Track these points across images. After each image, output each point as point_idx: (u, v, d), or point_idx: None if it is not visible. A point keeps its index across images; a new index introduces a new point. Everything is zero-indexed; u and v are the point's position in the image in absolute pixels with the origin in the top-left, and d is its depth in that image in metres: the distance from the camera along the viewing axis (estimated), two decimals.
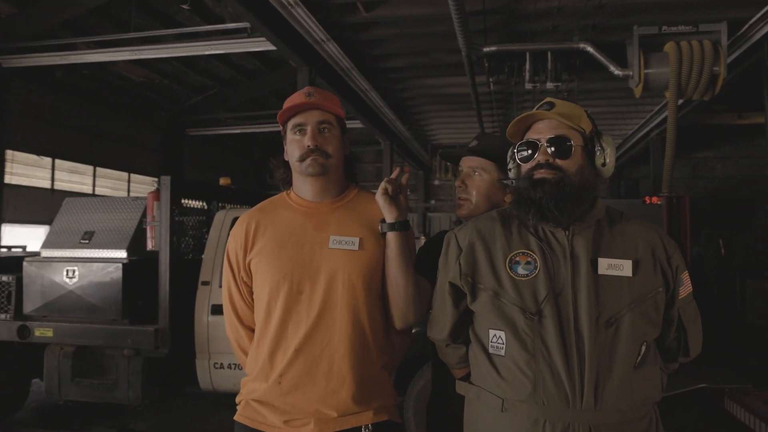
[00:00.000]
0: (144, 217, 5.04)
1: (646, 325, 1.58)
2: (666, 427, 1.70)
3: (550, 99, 1.71)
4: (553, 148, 1.62)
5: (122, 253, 4.92)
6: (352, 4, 6.79)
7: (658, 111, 10.97)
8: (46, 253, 5.09)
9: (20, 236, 11.11)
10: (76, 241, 5.06)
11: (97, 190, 13.29)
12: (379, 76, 9.37)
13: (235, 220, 4.93)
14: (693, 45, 6.79)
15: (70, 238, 5.12)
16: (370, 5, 6.89)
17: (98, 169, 13.41)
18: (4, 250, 7.12)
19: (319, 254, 1.83)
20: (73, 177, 12.71)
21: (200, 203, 5.65)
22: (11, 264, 5.34)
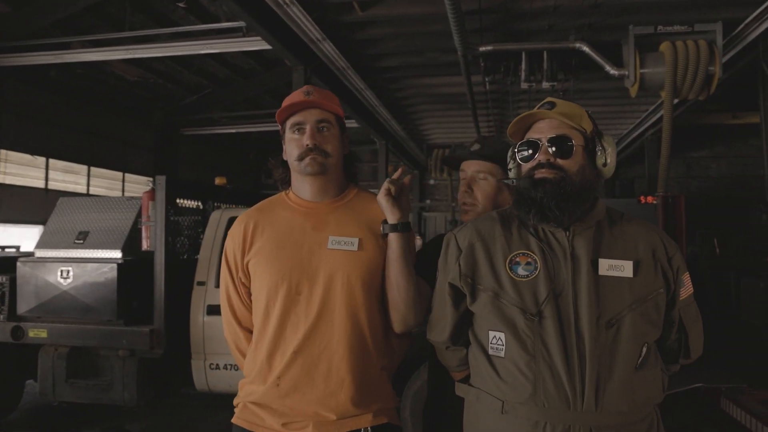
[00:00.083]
0: (139, 217, 5.03)
1: (647, 326, 1.57)
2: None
3: (550, 98, 1.70)
4: (554, 148, 1.61)
5: (117, 254, 4.89)
6: (347, 4, 6.77)
7: (653, 111, 10.99)
8: (40, 254, 5.06)
9: (14, 236, 11.05)
10: (71, 241, 5.04)
11: (92, 190, 13.23)
12: (375, 76, 9.35)
13: (231, 219, 4.95)
14: (688, 45, 6.80)
15: (64, 238, 5.09)
16: (366, 4, 6.87)
17: (93, 169, 13.35)
18: None
19: (318, 255, 1.81)
20: (68, 177, 12.65)
21: (195, 203, 5.64)
22: (5, 264, 5.31)
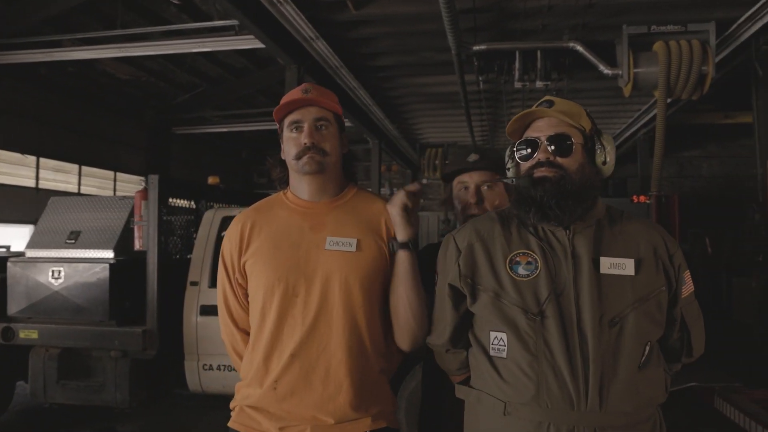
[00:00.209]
0: (131, 216, 4.99)
1: (650, 325, 1.55)
2: None
3: (549, 97, 1.69)
4: (554, 146, 1.60)
5: (109, 253, 4.86)
6: (341, 2, 6.73)
7: (646, 110, 11.02)
8: (31, 254, 5.03)
9: (4, 236, 10.96)
10: (62, 241, 5.00)
11: (83, 189, 13.15)
12: (368, 75, 9.31)
13: (225, 219, 4.92)
14: (682, 44, 6.80)
15: (55, 237, 5.05)
16: (360, 3, 6.84)
17: (84, 168, 13.27)
18: None
19: (315, 256, 1.78)
20: (58, 176, 12.57)
21: (188, 202, 5.60)
22: None
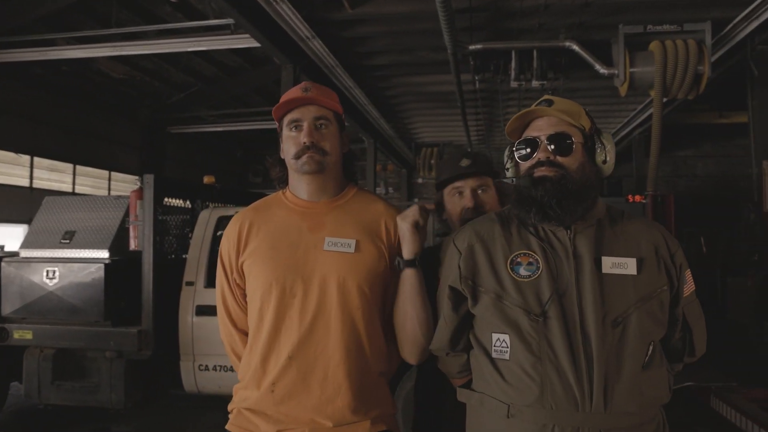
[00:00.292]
0: (126, 216, 4.98)
1: (653, 325, 1.54)
2: None
3: (548, 96, 1.68)
4: (554, 146, 1.58)
5: (104, 253, 4.84)
6: (337, 1, 6.72)
7: (641, 110, 11.02)
8: (26, 253, 5.01)
9: None
10: (57, 241, 4.98)
11: (77, 189, 13.08)
12: (364, 74, 9.30)
13: (221, 219, 4.90)
14: (678, 44, 6.81)
15: (50, 237, 5.03)
16: (356, 2, 6.82)
17: (78, 167, 13.19)
18: None
19: (314, 256, 1.76)
20: (53, 175, 12.50)
21: (183, 202, 5.57)
22: None
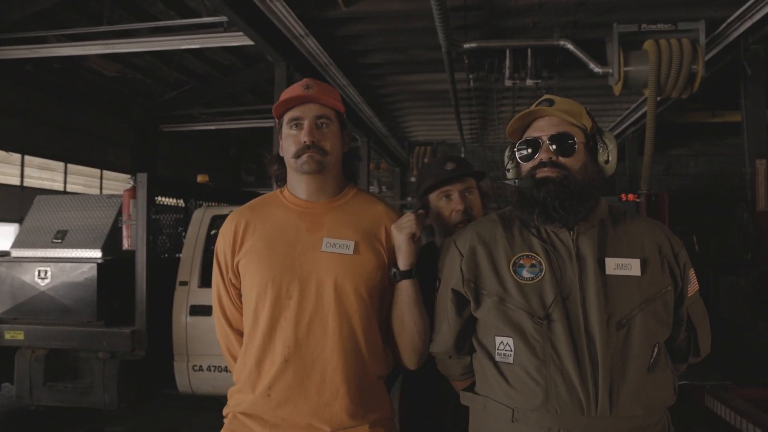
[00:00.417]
0: (119, 215, 4.93)
1: (658, 326, 1.53)
2: None
3: (548, 96, 1.66)
4: (555, 146, 1.57)
5: (97, 253, 4.80)
6: None
7: (635, 109, 11.04)
8: (17, 253, 4.96)
9: None
10: (48, 241, 4.94)
11: (69, 187, 12.98)
12: (358, 72, 9.27)
13: (215, 218, 4.87)
14: (672, 43, 6.81)
15: (41, 237, 4.99)
16: (350, 0, 6.81)
17: (70, 166, 13.08)
18: None
19: (312, 257, 1.73)
20: (44, 173, 12.40)
21: (177, 201, 5.54)
22: None
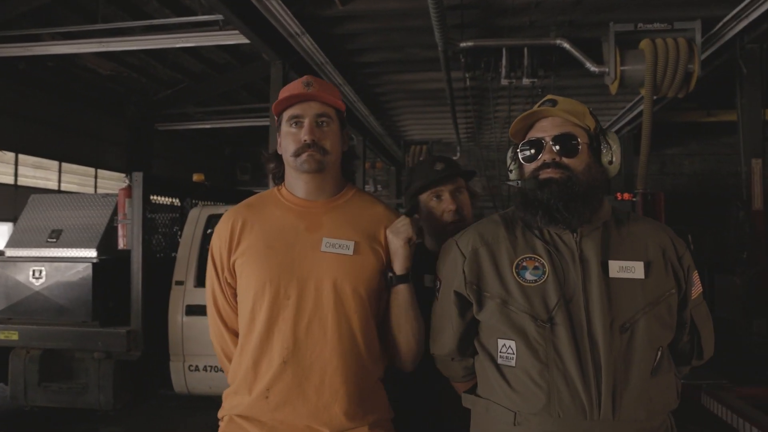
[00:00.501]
0: (115, 214, 4.91)
1: (661, 329, 1.52)
2: None
3: (551, 96, 1.64)
4: (559, 147, 1.55)
5: (92, 252, 4.77)
6: None
7: (630, 108, 11.06)
8: (11, 253, 4.93)
9: None
10: (43, 240, 4.91)
11: (63, 186, 12.93)
12: (354, 71, 9.24)
13: (211, 217, 4.84)
14: (668, 42, 6.81)
15: (36, 236, 4.96)
16: None
17: (64, 165, 13.03)
18: None
19: (311, 257, 1.71)
20: (38, 172, 12.34)
21: (172, 200, 5.50)
22: None
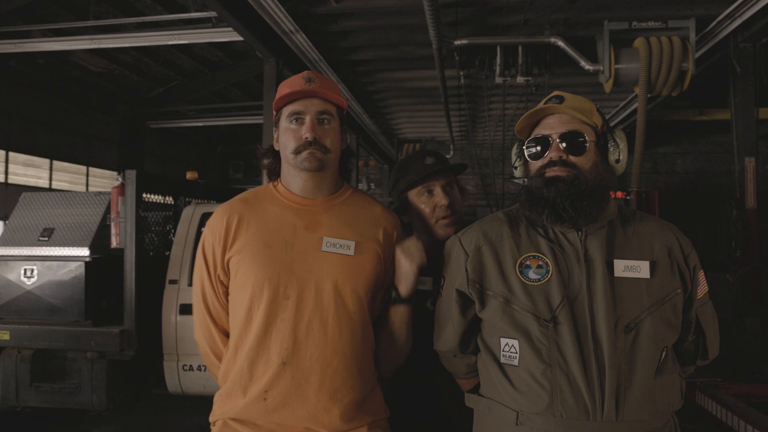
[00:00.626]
0: (108, 213, 4.86)
1: (666, 330, 1.50)
2: None
3: (558, 93, 1.62)
4: (566, 144, 1.53)
5: (84, 251, 4.73)
6: None
7: (624, 107, 11.08)
8: (2, 251, 4.88)
9: None
10: (35, 239, 4.86)
11: (54, 184, 12.82)
12: (347, 69, 9.21)
13: (205, 215, 4.80)
14: (662, 41, 6.83)
15: (27, 235, 4.91)
16: None
17: (55, 163, 12.92)
18: None
19: (311, 257, 1.68)
20: (29, 170, 12.23)
21: (165, 198, 5.45)
22: None
